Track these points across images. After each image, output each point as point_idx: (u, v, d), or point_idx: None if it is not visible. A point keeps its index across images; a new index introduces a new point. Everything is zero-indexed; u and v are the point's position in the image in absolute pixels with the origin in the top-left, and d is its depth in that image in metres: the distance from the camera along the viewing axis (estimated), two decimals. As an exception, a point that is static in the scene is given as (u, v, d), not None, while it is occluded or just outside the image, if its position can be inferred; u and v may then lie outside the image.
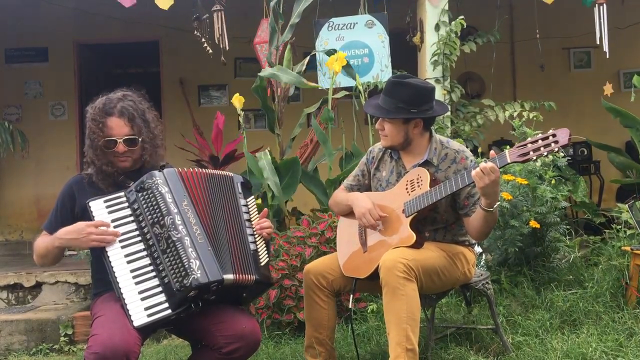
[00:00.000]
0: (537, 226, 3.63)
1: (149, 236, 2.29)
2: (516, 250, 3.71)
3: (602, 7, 4.89)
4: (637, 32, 6.84)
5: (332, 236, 3.77)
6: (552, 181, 3.85)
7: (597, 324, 3.20)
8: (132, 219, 2.33)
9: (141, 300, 2.21)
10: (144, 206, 2.32)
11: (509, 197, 3.56)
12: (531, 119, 4.33)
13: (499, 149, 3.85)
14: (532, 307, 3.49)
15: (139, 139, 2.46)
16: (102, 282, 2.38)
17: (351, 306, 2.84)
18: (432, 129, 2.86)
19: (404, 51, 5.29)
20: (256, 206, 2.58)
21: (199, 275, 2.19)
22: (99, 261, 2.36)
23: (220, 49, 5.03)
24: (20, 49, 7.45)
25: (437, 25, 4.86)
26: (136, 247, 2.30)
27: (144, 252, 2.29)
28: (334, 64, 4.40)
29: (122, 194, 2.37)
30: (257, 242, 2.48)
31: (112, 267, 2.26)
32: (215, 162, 6.18)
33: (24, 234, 7.34)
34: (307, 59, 4.81)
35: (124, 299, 2.21)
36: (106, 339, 2.11)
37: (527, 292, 3.62)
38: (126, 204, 2.35)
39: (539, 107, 4.84)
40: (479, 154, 4.14)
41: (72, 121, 7.38)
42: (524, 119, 4.27)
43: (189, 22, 5.33)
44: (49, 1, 6.39)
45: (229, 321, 2.33)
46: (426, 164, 2.76)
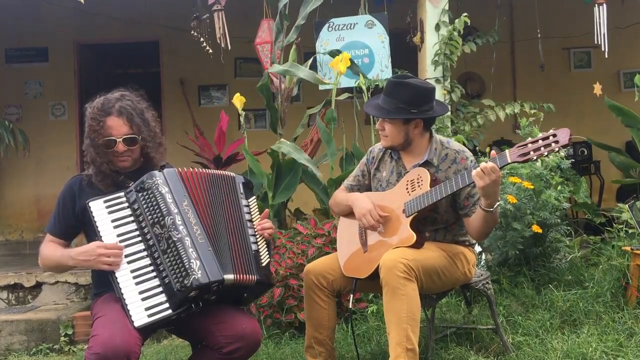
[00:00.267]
0: (540, 231, 3.62)
1: (149, 236, 2.29)
2: (516, 252, 3.71)
3: (602, 7, 4.89)
4: (637, 32, 6.84)
5: (336, 237, 3.77)
6: (558, 187, 3.85)
7: (597, 324, 3.20)
8: (132, 219, 2.33)
9: (142, 300, 2.21)
10: (144, 206, 2.32)
11: (514, 201, 3.55)
12: (532, 116, 4.32)
13: (499, 149, 3.85)
14: (532, 307, 3.49)
15: (139, 138, 2.46)
16: (102, 282, 2.38)
17: (351, 306, 2.85)
18: (432, 129, 2.86)
19: (404, 51, 5.29)
20: (257, 206, 2.58)
21: (199, 275, 2.19)
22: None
23: (219, 49, 5.03)
24: (20, 49, 7.45)
25: (437, 25, 4.86)
26: (136, 248, 2.30)
27: (144, 253, 2.29)
28: (338, 64, 4.40)
29: (122, 194, 2.36)
30: (259, 243, 2.48)
31: None
32: (217, 162, 6.18)
33: (24, 234, 7.34)
34: (311, 60, 4.81)
35: (124, 299, 2.21)
36: (107, 339, 2.11)
37: (527, 292, 3.62)
38: (126, 204, 2.35)
39: (538, 107, 4.84)
40: (478, 154, 4.15)
41: (72, 121, 7.38)
42: (531, 119, 4.25)
43: (189, 22, 5.33)
44: (49, 1, 6.39)
45: (230, 321, 2.33)
46: (426, 164, 2.77)
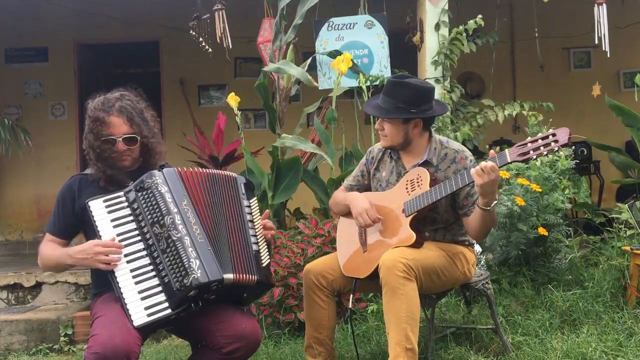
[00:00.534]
0: (545, 233, 3.62)
1: (148, 236, 2.29)
2: (519, 252, 3.70)
3: (602, 7, 4.89)
4: (637, 32, 6.83)
5: (336, 236, 3.77)
6: (566, 190, 3.84)
7: (597, 324, 3.20)
8: (131, 218, 2.33)
9: (141, 299, 2.21)
10: (144, 206, 2.32)
11: (522, 203, 3.54)
12: (534, 116, 4.32)
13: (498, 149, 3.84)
14: (532, 307, 3.49)
15: (138, 137, 2.46)
16: (102, 282, 2.38)
17: (351, 306, 2.85)
18: (431, 129, 2.86)
19: (404, 51, 5.29)
20: (258, 207, 2.58)
21: (199, 274, 2.19)
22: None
23: (219, 49, 5.03)
24: (20, 48, 7.45)
25: (437, 24, 4.86)
26: (136, 247, 2.30)
27: (144, 252, 2.29)
28: (340, 65, 4.40)
29: (121, 194, 2.36)
30: (259, 243, 2.48)
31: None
32: (215, 162, 6.18)
33: (24, 234, 7.34)
34: (310, 60, 4.81)
35: (123, 299, 2.21)
36: (106, 339, 2.11)
37: (527, 292, 3.62)
38: (125, 204, 2.35)
39: (538, 107, 4.83)
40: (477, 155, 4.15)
41: (72, 121, 7.38)
42: (539, 119, 4.25)
43: (189, 22, 5.33)
44: (49, 1, 6.39)
45: (229, 321, 2.33)
46: (426, 164, 2.77)
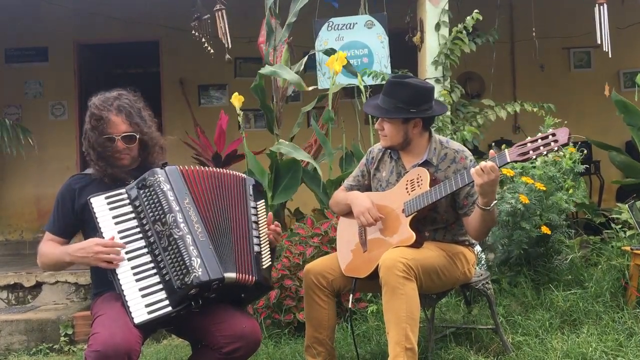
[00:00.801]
0: (549, 232, 3.62)
1: (150, 233, 2.29)
2: (520, 252, 3.70)
3: (602, 7, 4.89)
4: (637, 32, 6.84)
5: (334, 236, 3.77)
6: (570, 190, 3.84)
7: (597, 324, 3.20)
8: (133, 215, 2.34)
9: (142, 297, 2.21)
10: (146, 203, 2.32)
11: (526, 201, 3.54)
12: (556, 120, 4.32)
13: (498, 149, 3.84)
14: (532, 307, 3.49)
15: (137, 136, 2.47)
16: (102, 281, 2.38)
17: (351, 306, 2.85)
18: (431, 129, 2.86)
19: (404, 51, 5.29)
20: (265, 210, 2.59)
21: (200, 273, 2.19)
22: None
23: (220, 49, 5.03)
24: (20, 48, 7.45)
25: (437, 25, 4.86)
26: (137, 244, 2.30)
27: (145, 250, 2.29)
28: (334, 64, 4.40)
29: (123, 191, 2.37)
30: (262, 245, 2.49)
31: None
32: (217, 161, 6.18)
33: (24, 233, 7.34)
34: (305, 58, 4.81)
35: (124, 296, 2.21)
36: (107, 337, 2.11)
37: (527, 292, 3.62)
38: (127, 201, 2.35)
39: (538, 107, 4.83)
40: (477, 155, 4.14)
41: (72, 121, 7.38)
42: (556, 120, 4.24)
43: (189, 22, 5.33)
44: (49, 1, 6.39)
45: (229, 321, 2.33)
46: (426, 164, 2.77)
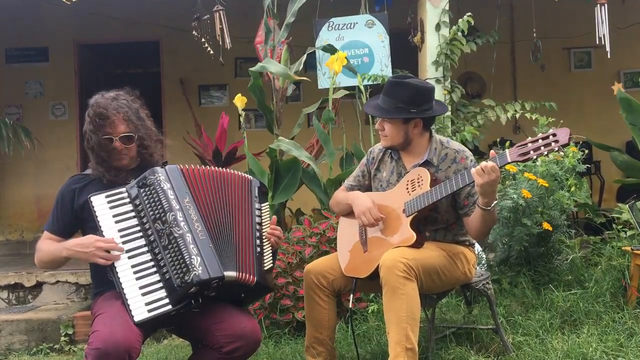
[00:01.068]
0: (550, 228, 3.61)
1: (150, 232, 2.30)
2: (521, 249, 3.70)
3: (603, 7, 4.89)
4: (637, 32, 6.83)
5: (332, 236, 3.77)
6: (572, 188, 3.84)
7: (597, 324, 3.20)
8: (133, 214, 2.34)
9: (142, 295, 2.21)
10: (146, 202, 2.32)
11: (529, 195, 3.54)
12: (550, 120, 4.32)
13: (498, 149, 3.84)
14: (533, 307, 3.49)
15: (135, 136, 2.47)
16: (103, 281, 2.38)
17: (351, 306, 2.85)
18: (431, 129, 2.86)
19: (405, 51, 5.29)
20: (269, 213, 2.59)
21: (200, 271, 2.20)
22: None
23: (220, 49, 5.03)
24: (20, 48, 7.45)
25: (437, 25, 4.86)
26: (137, 243, 2.31)
27: (145, 248, 2.30)
28: (334, 64, 4.40)
29: (123, 190, 2.37)
30: (264, 246, 2.49)
31: (114, 263, 2.26)
32: (217, 161, 6.18)
33: (24, 233, 7.34)
34: (304, 57, 4.80)
35: (124, 294, 2.21)
36: (107, 335, 2.11)
37: (527, 292, 3.61)
38: (128, 200, 2.36)
39: (539, 107, 4.83)
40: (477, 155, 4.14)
41: (72, 121, 7.38)
42: (550, 119, 4.25)
43: (189, 22, 5.33)
44: (49, 1, 6.37)
45: (229, 320, 2.34)
46: (426, 164, 2.77)
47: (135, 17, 6.84)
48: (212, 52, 5.13)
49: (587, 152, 4.05)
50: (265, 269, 2.46)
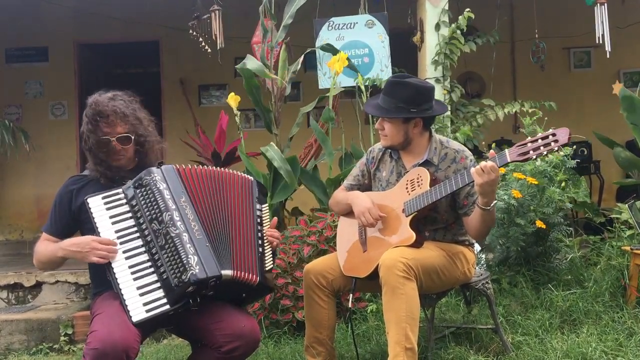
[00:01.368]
0: (543, 226, 3.62)
1: (147, 232, 2.30)
2: (518, 249, 3.70)
3: (602, 7, 4.89)
4: (637, 32, 6.83)
5: (331, 235, 3.77)
6: (563, 184, 3.84)
7: (596, 324, 3.20)
8: (130, 215, 2.34)
9: (140, 295, 2.21)
10: (142, 202, 2.32)
11: (519, 195, 3.55)
12: (533, 115, 4.32)
13: (498, 148, 3.84)
14: (532, 307, 3.49)
15: (133, 136, 2.47)
16: (101, 281, 2.38)
17: (351, 306, 2.85)
18: (431, 128, 2.86)
19: (404, 51, 5.29)
20: (269, 214, 2.60)
21: (197, 270, 2.19)
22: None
23: (220, 49, 5.03)
24: (20, 48, 7.45)
25: (437, 25, 4.86)
26: (134, 244, 2.31)
27: (142, 248, 2.30)
28: (335, 64, 4.40)
29: (120, 191, 2.38)
30: (265, 247, 2.50)
31: (111, 264, 2.26)
32: (216, 160, 6.18)
33: (24, 233, 7.34)
34: (302, 57, 4.80)
35: (122, 295, 2.21)
36: (105, 335, 2.11)
37: (526, 291, 3.62)
38: (124, 201, 2.36)
39: (539, 106, 4.83)
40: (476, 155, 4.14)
41: (72, 121, 7.37)
42: (534, 118, 4.25)
43: (189, 22, 5.33)
44: (49, 1, 6.39)
45: (228, 320, 2.34)
46: (426, 164, 2.77)
47: (135, 17, 6.84)
48: (209, 50, 5.14)
49: (586, 152, 4.05)
50: (266, 269, 2.47)
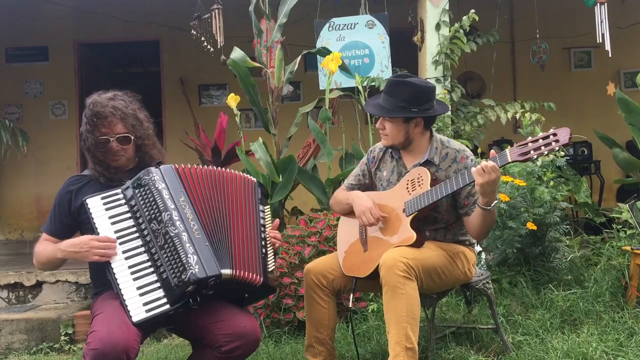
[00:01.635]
0: (534, 228, 3.62)
1: (146, 232, 2.29)
2: (514, 251, 3.70)
3: (602, 7, 4.89)
4: (638, 32, 6.84)
5: (330, 235, 3.77)
6: (551, 182, 3.84)
7: (597, 324, 3.20)
8: (129, 215, 2.34)
9: (139, 295, 2.21)
10: (141, 202, 2.32)
11: (507, 199, 3.55)
12: (534, 121, 4.31)
13: (499, 148, 3.84)
14: (532, 307, 3.49)
15: (132, 136, 2.47)
16: (102, 281, 2.38)
17: (351, 305, 2.85)
18: (432, 128, 2.86)
19: (405, 51, 5.29)
20: (271, 215, 2.61)
21: (196, 270, 2.19)
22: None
23: (219, 48, 5.04)
24: (20, 48, 7.45)
25: (437, 24, 4.86)
26: (134, 244, 2.30)
27: (142, 248, 2.30)
28: (329, 64, 4.40)
29: (118, 191, 2.37)
30: (268, 248, 2.50)
31: (111, 264, 2.26)
32: (217, 160, 6.18)
33: (24, 233, 7.34)
34: (299, 58, 4.80)
35: (122, 295, 2.21)
36: (105, 335, 2.11)
37: (527, 291, 3.62)
38: (123, 201, 2.36)
39: (539, 107, 4.83)
40: (478, 154, 4.14)
41: (72, 120, 7.37)
42: (532, 119, 4.25)
43: (190, 22, 5.34)
44: (50, 0, 6.39)
45: (229, 320, 2.33)
46: (427, 164, 2.77)
47: (135, 17, 6.84)
48: (212, 49, 5.14)
49: (586, 151, 4.06)
50: (269, 270, 2.47)
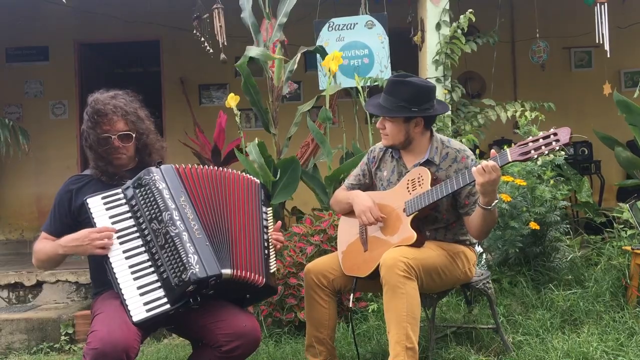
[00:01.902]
0: (537, 227, 3.62)
1: (147, 232, 2.29)
2: (517, 250, 3.70)
3: (603, 7, 4.89)
4: (638, 32, 6.83)
5: (334, 234, 3.77)
6: (551, 181, 3.85)
7: (597, 324, 3.20)
8: (129, 215, 2.34)
9: (140, 295, 2.21)
10: (142, 202, 2.32)
11: (508, 199, 3.55)
12: (534, 119, 4.32)
13: (499, 148, 3.84)
14: (533, 307, 3.49)
15: (133, 135, 2.48)
16: (102, 281, 2.38)
17: (351, 305, 2.85)
18: (432, 128, 2.86)
19: (405, 51, 5.29)
20: (273, 217, 2.62)
21: (197, 269, 2.19)
22: (98, 260, 2.36)
23: (220, 48, 5.04)
24: (20, 48, 7.45)
25: (438, 24, 4.86)
26: (134, 243, 2.30)
27: (142, 248, 2.29)
28: (329, 63, 4.39)
29: (119, 191, 2.37)
30: (270, 249, 2.50)
31: (111, 264, 2.26)
32: (216, 160, 6.18)
33: (24, 233, 7.34)
34: (298, 56, 4.80)
35: (122, 295, 2.21)
36: (105, 334, 2.11)
37: (527, 291, 3.62)
38: (123, 201, 2.36)
39: (539, 107, 4.83)
40: (477, 155, 4.14)
41: (72, 120, 7.38)
42: (529, 119, 4.25)
43: (190, 22, 5.34)
44: (50, 0, 6.39)
45: (229, 319, 2.34)
46: (427, 163, 2.76)
47: (135, 17, 6.84)
48: (211, 50, 5.13)
49: (587, 151, 4.06)
50: (271, 271, 2.47)
